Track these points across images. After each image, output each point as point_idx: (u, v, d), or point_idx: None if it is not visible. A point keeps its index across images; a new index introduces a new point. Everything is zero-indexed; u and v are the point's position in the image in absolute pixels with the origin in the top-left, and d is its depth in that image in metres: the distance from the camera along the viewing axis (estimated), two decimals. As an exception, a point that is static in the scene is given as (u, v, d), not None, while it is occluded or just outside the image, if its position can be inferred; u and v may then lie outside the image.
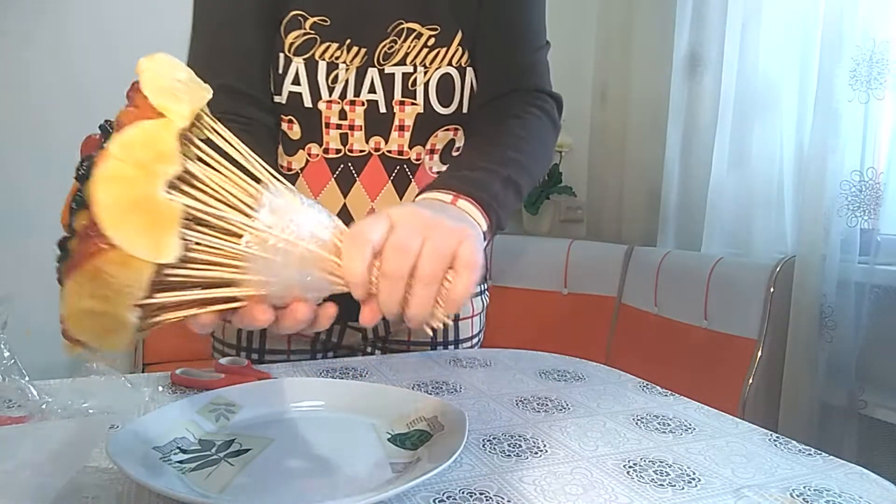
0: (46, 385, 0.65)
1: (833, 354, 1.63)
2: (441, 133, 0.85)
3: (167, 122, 0.42)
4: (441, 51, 0.81)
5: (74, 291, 0.42)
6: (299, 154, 0.83)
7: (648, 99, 2.27)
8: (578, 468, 0.54)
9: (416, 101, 0.81)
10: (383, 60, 0.80)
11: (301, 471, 0.52)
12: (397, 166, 0.84)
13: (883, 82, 1.55)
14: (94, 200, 0.41)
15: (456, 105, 0.83)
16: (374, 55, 0.80)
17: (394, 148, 0.83)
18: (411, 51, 0.80)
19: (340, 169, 0.83)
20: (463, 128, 0.86)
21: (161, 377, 0.75)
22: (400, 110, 0.82)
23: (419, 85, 0.81)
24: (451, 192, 0.59)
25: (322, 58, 0.79)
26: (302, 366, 0.83)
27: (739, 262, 1.79)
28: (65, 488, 0.44)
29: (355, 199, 0.84)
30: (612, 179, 2.44)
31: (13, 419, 0.56)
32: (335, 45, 0.79)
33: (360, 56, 0.80)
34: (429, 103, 0.82)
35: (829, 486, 0.52)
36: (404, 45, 0.80)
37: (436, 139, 0.85)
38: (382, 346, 0.95)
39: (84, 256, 0.41)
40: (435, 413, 0.59)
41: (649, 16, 2.26)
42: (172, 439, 0.54)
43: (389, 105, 0.81)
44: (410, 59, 0.80)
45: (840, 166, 1.61)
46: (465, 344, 0.98)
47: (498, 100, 0.82)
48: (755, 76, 1.87)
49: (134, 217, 0.41)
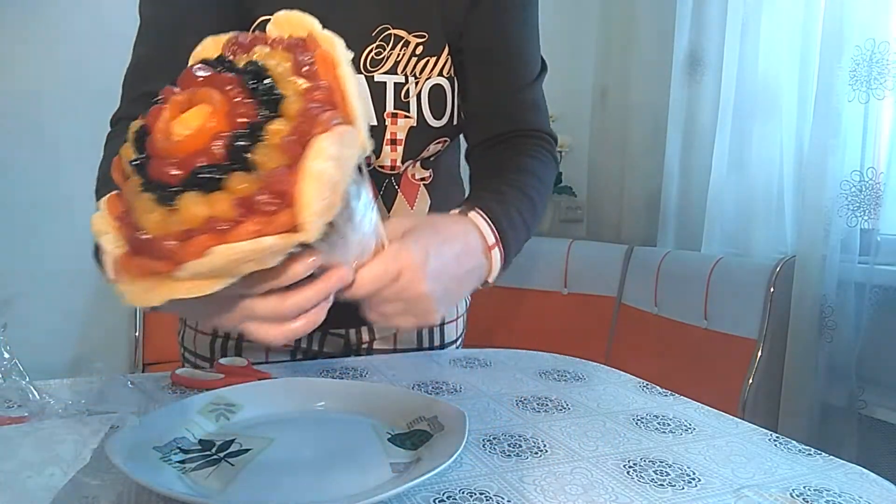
0: (46, 385, 0.65)
1: (833, 354, 1.63)
2: (432, 146, 0.81)
3: (359, 132, 0.42)
4: (430, 60, 0.77)
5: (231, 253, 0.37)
6: None
7: (648, 99, 2.27)
8: (578, 468, 0.54)
9: (409, 114, 0.77)
10: (371, 67, 0.76)
11: (301, 471, 0.52)
12: (386, 180, 0.81)
13: (883, 82, 1.55)
14: (302, 197, 0.38)
15: (448, 117, 0.80)
16: (361, 60, 0.75)
17: (386, 163, 0.79)
18: (401, 59, 0.76)
19: None
20: (450, 140, 0.83)
21: (161, 377, 0.75)
22: (392, 123, 0.77)
23: (412, 97, 0.77)
24: (496, 237, 0.64)
25: None
26: (302, 366, 0.83)
27: (739, 262, 1.79)
28: (65, 488, 0.44)
29: None
30: (612, 179, 2.44)
31: (13, 419, 0.56)
32: None
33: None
34: (422, 116, 0.78)
35: (829, 486, 0.52)
36: (393, 52, 0.76)
37: (427, 152, 0.81)
38: (367, 354, 0.92)
39: (259, 225, 0.37)
40: (435, 413, 0.59)
41: (649, 16, 2.26)
42: (172, 439, 0.54)
43: (381, 117, 0.77)
44: (401, 68, 0.76)
45: (840, 166, 1.61)
46: (450, 346, 0.96)
47: (506, 142, 0.80)
48: (755, 76, 1.86)
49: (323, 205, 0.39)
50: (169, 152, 0.38)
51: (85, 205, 2.15)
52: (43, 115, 2.00)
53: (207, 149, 0.38)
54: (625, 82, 2.36)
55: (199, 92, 0.39)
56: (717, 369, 1.69)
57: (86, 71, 2.02)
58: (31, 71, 1.98)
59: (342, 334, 0.90)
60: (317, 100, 0.40)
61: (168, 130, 0.38)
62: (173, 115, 0.39)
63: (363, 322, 0.84)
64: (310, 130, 0.39)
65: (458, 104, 0.81)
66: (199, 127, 0.38)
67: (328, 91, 0.41)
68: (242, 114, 0.38)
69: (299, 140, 0.39)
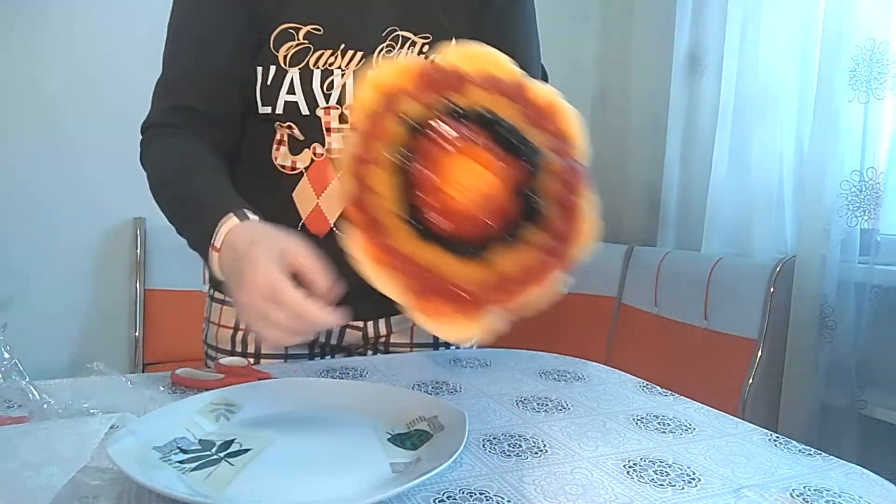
0: (46, 385, 0.65)
1: (833, 354, 1.63)
2: None
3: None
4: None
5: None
6: (304, 153, 0.84)
7: (648, 99, 2.27)
8: (578, 468, 0.54)
9: None
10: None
11: (301, 471, 0.52)
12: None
13: (883, 82, 1.55)
14: (582, 235, 0.48)
15: None
16: (373, 59, 0.81)
17: None
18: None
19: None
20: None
21: (161, 377, 0.75)
22: None
23: None
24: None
25: (316, 66, 0.80)
26: (302, 366, 0.83)
27: (739, 262, 1.79)
28: (65, 488, 0.44)
29: None
30: (612, 179, 2.44)
31: (13, 419, 0.56)
32: (329, 52, 0.80)
33: (357, 60, 0.81)
34: None
35: (829, 486, 0.52)
36: (402, 51, 0.82)
37: None
38: (384, 347, 0.95)
39: (540, 271, 0.47)
40: (435, 413, 0.59)
41: (649, 16, 2.26)
42: (172, 439, 0.54)
43: None
44: None
45: (840, 166, 1.61)
46: (466, 343, 0.98)
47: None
48: (755, 76, 1.86)
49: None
50: (458, 211, 0.45)
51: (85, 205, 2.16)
52: (45, 116, 2.00)
53: (501, 209, 0.46)
54: (625, 82, 2.36)
55: (464, 148, 0.45)
56: (717, 369, 1.69)
57: (95, 72, 2.02)
58: (37, 72, 1.98)
59: (360, 328, 0.92)
60: (563, 152, 0.47)
61: (445, 189, 0.45)
62: (437, 170, 0.45)
63: (381, 315, 0.90)
64: (571, 180, 0.47)
65: None
66: (481, 188, 0.45)
67: (564, 139, 0.48)
68: (516, 174, 0.46)
69: (565, 188, 0.47)
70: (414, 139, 0.46)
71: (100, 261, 2.12)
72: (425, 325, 0.50)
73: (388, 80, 0.49)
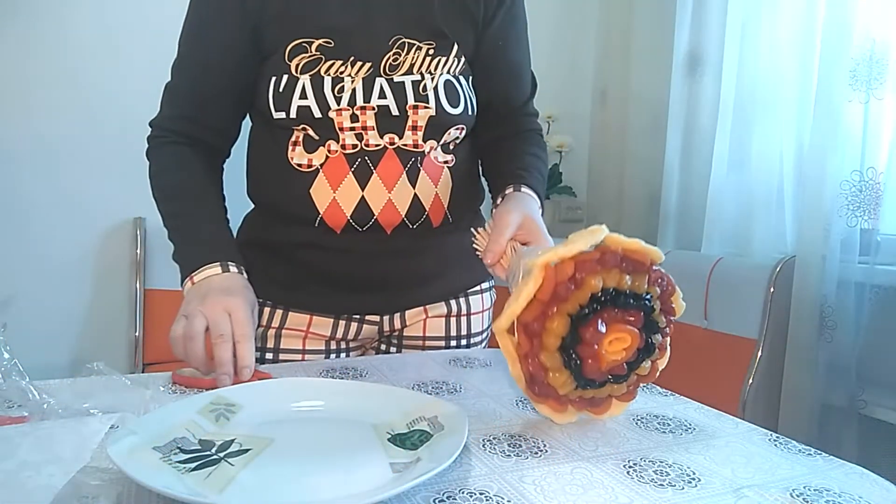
0: (46, 385, 0.65)
1: (833, 354, 1.63)
2: (453, 131, 0.91)
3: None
4: (441, 59, 0.89)
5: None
6: (319, 151, 0.87)
7: (648, 99, 2.27)
8: (578, 468, 0.54)
9: (428, 105, 0.87)
10: (390, 71, 0.87)
11: (301, 471, 0.52)
12: (411, 158, 0.89)
13: (883, 82, 1.55)
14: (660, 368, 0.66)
15: (463, 106, 0.90)
16: (381, 66, 0.86)
17: (409, 142, 0.88)
18: (416, 61, 0.87)
19: (358, 163, 0.87)
20: (467, 127, 0.93)
21: (161, 377, 0.75)
22: (413, 113, 0.87)
23: (430, 90, 0.87)
24: (537, 196, 0.89)
25: (327, 73, 0.85)
26: (302, 366, 0.83)
27: (739, 262, 1.79)
28: (65, 488, 0.44)
29: (372, 191, 0.87)
30: (612, 179, 2.44)
31: (13, 419, 0.56)
32: (339, 62, 0.85)
33: (366, 69, 0.86)
34: (440, 105, 0.88)
35: (829, 486, 0.52)
36: (408, 56, 0.87)
37: (448, 136, 0.91)
38: (398, 341, 0.98)
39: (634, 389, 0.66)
40: (435, 413, 0.59)
41: (649, 16, 2.27)
42: (172, 439, 0.54)
43: (402, 109, 0.87)
44: (416, 68, 0.87)
45: (840, 166, 1.61)
46: (476, 338, 1.01)
47: (514, 137, 1.00)
48: (755, 76, 1.87)
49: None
50: (605, 366, 0.60)
51: (85, 205, 2.17)
52: (43, 116, 2.00)
53: (627, 361, 0.61)
54: (625, 82, 2.37)
55: (622, 329, 0.59)
56: (717, 369, 1.69)
57: (87, 74, 2.02)
58: (32, 73, 1.99)
59: (377, 322, 0.95)
60: (671, 311, 0.65)
61: (604, 354, 0.59)
62: (602, 342, 0.59)
63: (396, 309, 0.95)
64: (670, 290, 0.64)
65: (470, 97, 0.93)
66: (625, 344, 0.59)
67: (664, 277, 0.64)
68: (645, 338, 0.61)
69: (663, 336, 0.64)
70: (583, 318, 0.58)
71: (100, 261, 2.12)
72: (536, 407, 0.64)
73: (551, 257, 0.60)
